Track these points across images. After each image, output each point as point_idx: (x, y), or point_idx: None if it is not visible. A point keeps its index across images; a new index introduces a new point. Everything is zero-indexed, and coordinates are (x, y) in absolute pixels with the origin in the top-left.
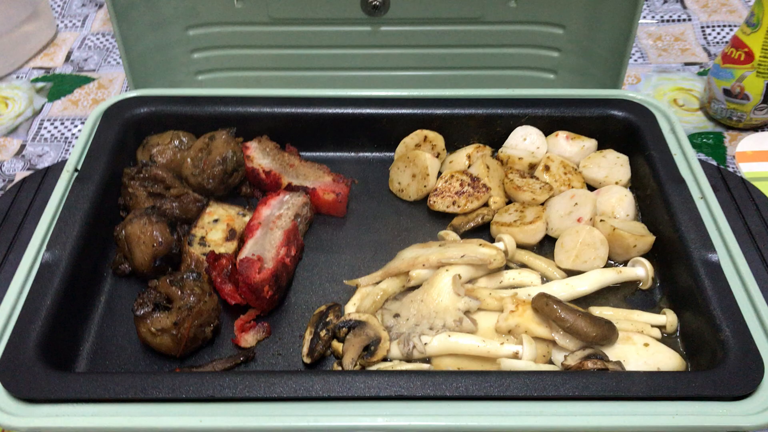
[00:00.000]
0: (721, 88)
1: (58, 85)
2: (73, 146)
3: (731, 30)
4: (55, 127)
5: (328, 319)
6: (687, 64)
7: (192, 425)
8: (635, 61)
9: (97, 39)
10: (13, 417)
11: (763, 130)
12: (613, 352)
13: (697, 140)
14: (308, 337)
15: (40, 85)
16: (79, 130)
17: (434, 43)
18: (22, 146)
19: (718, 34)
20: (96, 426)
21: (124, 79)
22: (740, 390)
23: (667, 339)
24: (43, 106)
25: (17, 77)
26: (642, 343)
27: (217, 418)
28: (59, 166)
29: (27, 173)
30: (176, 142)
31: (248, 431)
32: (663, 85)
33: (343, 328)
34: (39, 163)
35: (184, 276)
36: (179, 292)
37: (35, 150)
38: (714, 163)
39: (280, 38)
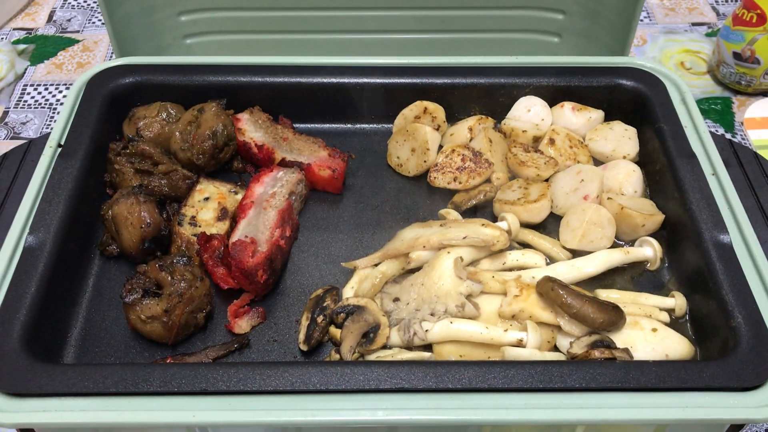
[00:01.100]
0: (731, 51)
1: (41, 48)
2: (58, 114)
3: None
4: (39, 93)
5: (325, 304)
6: (695, 24)
7: (185, 420)
8: (641, 21)
9: None
10: (1, 413)
11: None
12: (621, 338)
13: (704, 105)
14: (305, 323)
15: (21, 47)
16: (64, 96)
17: (434, 5)
18: (5, 113)
19: None
20: (85, 421)
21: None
22: (753, 381)
23: (675, 322)
24: (25, 69)
25: None
26: (650, 328)
27: (211, 412)
28: (42, 139)
29: (10, 142)
30: (164, 115)
31: (244, 425)
32: (670, 47)
33: (341, 314)
34: (23, 131)
35: (174, 260)
36: (169, 278)
37: (18, 117)
38: (722, 130)
39: None
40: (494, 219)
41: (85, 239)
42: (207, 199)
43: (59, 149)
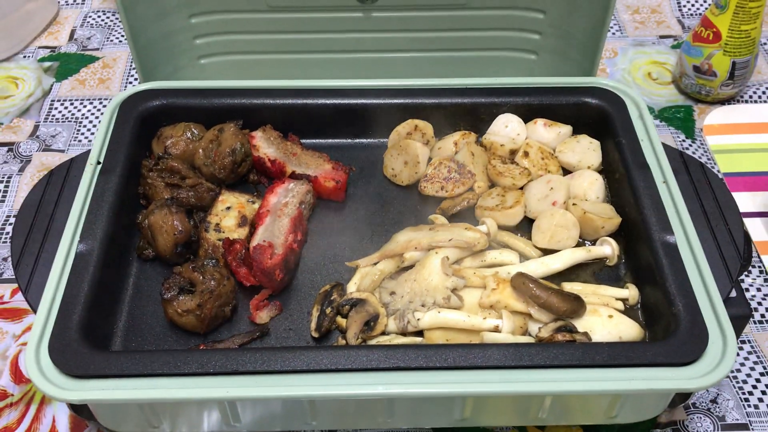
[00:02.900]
0: (691, 64)
1: (65, 65)
2: (89, 131)
3: (705, 1)
4: (66, 108)
5: (332, 298)
6: (662, 36)
7: (220, 395)
8: (613, 34)
9: (98, 17)
10: (65, 391)
11: (730, 103)
12: (582, 324)
13: (668, 114)
14: (315, 314)
15: (47, 64)
16: (89, 111)
17: (422, 28)
18: (36, 127)
19: (692, 6)
20: (137, 397)
21: (128, 58)
22: (688, 357)
23: (629, 310)
24: (51, 86)
25: (24, 57)
26: (607, 315)
27: (241, 389)
28: (82, 157)
29: (42, 154)
30: (188, 134)
31: (268, 399)
32: (638, 58)
33: (346, 306)
34: (53, 143)
35: (205, 262)
36: (201, 277)
37: (48, 131)
38: (683, 136)
39: (278, 24)
40: (476, 223)
41: (125, 245)
42: (229, 208)
43: (98, 166)
